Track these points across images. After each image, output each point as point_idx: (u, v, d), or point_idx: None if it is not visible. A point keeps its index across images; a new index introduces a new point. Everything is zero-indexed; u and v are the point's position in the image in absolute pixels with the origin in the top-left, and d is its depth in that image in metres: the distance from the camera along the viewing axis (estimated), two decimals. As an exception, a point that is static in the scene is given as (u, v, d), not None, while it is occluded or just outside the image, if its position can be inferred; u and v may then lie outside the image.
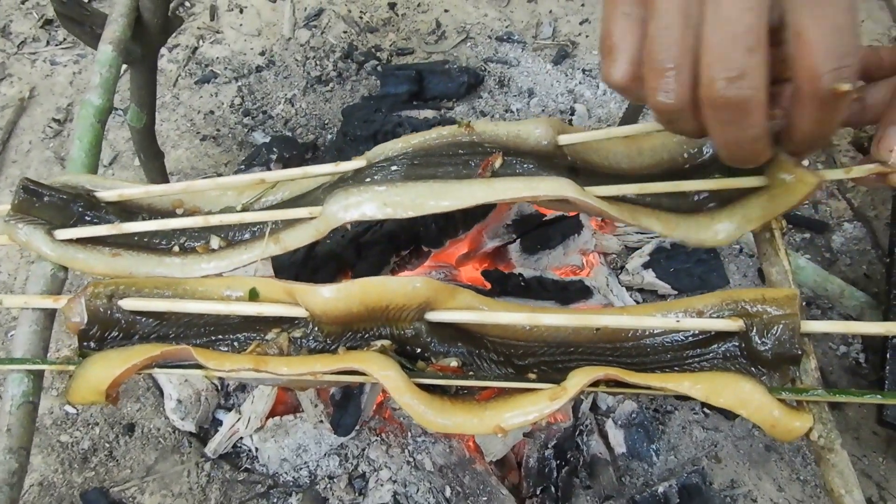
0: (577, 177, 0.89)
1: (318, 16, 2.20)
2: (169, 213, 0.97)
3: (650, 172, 0.92)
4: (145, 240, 0.94)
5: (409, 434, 1.34)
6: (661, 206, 0.88)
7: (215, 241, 0.93)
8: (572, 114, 1.90)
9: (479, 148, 0.92)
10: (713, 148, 0.89)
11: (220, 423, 1.43)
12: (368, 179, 0.91)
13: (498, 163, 0.90)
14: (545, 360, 0.89)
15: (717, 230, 0.86)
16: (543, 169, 0.89)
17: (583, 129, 0.93)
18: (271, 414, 1.40)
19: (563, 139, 0.92)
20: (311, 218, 0.90)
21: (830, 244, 1.71)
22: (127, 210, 0.96)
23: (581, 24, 2.14)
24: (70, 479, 1.43)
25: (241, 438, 1.41)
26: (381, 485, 1.31)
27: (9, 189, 1.91)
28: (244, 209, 0.96)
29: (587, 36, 2.11)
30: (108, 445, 1.46)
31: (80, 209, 0.94)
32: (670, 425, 1.44)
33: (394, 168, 0.91)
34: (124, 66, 1.32)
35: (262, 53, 2.14)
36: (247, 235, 0.94)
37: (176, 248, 0.94)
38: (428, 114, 1.82)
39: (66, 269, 0.95)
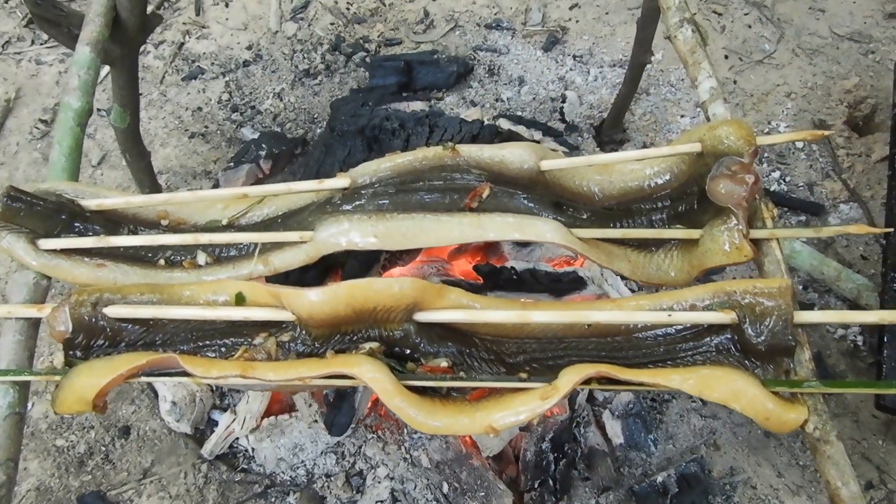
0: (561, 213, 0.92)
1: (304, 8, 2.18)
2: (154, 223, 0.96)
3: (620, 200, 0.98)
4: (131, 251, 0.93)
5: (406, 431, 1.33)
6: (630, 241, 0.94)
7: (202, 257, 0.93)
8: (563, 101, 1.88)
9: (464, 172, 0.93)
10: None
11: (216, 423, 1.43)
12: (358, 204, 0.92)
13: (485, 193, 0.91)
14: (536, 356, 0.88)
15: (670, 273, 0.93)
16: (530, 201, 0.92)
17: (563, 155, 0.98)
18: (266, 414, 1.39)
19: (546, 164, 0.95)
20: (302, 242, 0.90)
21: (827, 226, 1.70)
22: (111, 219, 0.95)
23: (571, 9, 2.12)
24: (67, 483, 1.42)
25: (237, 439, 1.40)
26: (379, 482, 1.30)
27: (-3, 192, 1.89)
28: (230, 223, 0.95)
29: (577, 21, 2.09)
30: (104, 449, 1.45)
31: (64, 218, 0.93)
32: (668, 414, 1.44)
33: (382, 192, 0.92)
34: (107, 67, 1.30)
35: (249, 47, 2.11)
36: (234, 252, 0.94)
37: (161, 262, 0.93)
38: (416, 106, 1.80)
39: (49, 276, 0.94)
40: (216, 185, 1.71)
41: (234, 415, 1.40)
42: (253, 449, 1.39)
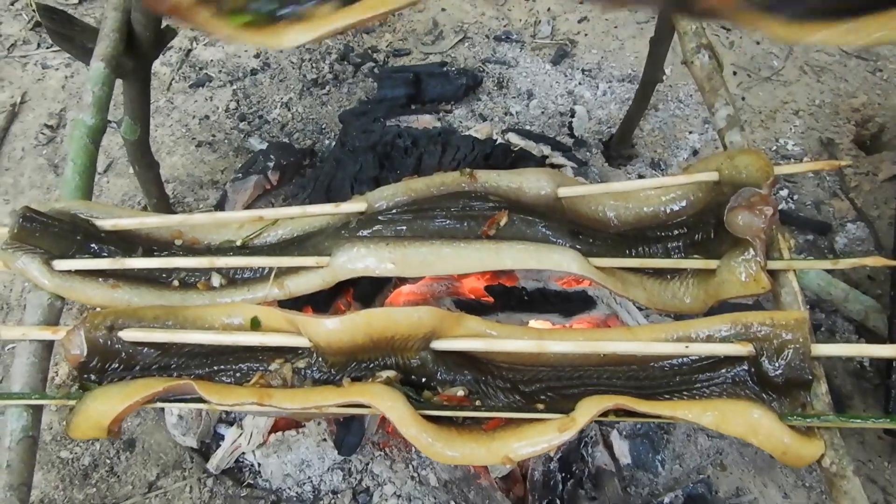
0: (578, 240, 0.92)
1: (312, 16, 2.17)
2: (168, 243, 0.95)
3: (635, 226, 0.98)
4: (145, 272, 0.93)
5: (413, 449, 1.33)
6: (646, 269, 0.94)
7: (216, 279, 0.92)
8: (572, 116, 1.88)
9: (481, 199, 0.93)
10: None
11: (222, 437, 1.42)
12: (376, 229, 0.91)
13: (503, 221, 0.91)
14: (552, 384, 0.88)
15: (685, 301, 0.93)
16: (548, 229, 0.92)
17: (581, 182, 0.98)
18: (273, 429, 1.39)
19: (563, 192, 0.95)
20: (318, 267, 0.90)
21: (833, 245, 1.70)
22: (125, 239, 0.94)
23: (580, 22, 2.12)
24: (71, 495, 1.41)
25: (244, 453, 1.40)
26: (386, 500, 1.30)
27: (2, 197, 1.88)
28: (244, 244, 0.94)
29: (586, 34, 2.09)
30: (108, 461, 1.45)
31: (79, 239, 0.92)
32: (675, 434, 1.44)
33: (399, 218, 0.92)
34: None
35: (257, 56, 2.11)
36: (248, 274, 0.93)
37: (175, 283, 0.93)
38: (427, 120, 1.79)
39: (63, 297, 0.93)
40: (224, 196, 1.70)
41: (240, 429, 1.40)
42: (259, 464, 1.39)
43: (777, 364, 0.83)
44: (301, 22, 0.75)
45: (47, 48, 2.20)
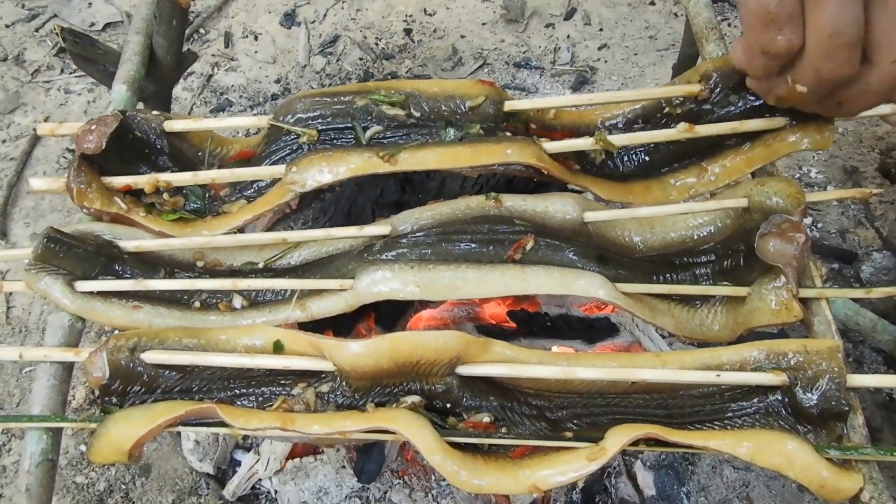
0: (605, 266, 0.91)
1: (333, 42, 2.19)
2: (190, 265, 0.95)
3: (662, 252, 0.96)
4: (167, 293, 0.92)
5: (433, 477, 1.30)
6: (674, 296, 0.92)
7: (238, 301, 0.91)
8: (592, 141, 1.87)
9: (507, 223, 0.92)
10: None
11: (239, 463, 1.41)
12: (399, 252, 0.91)
13: (529, 245, 0.90)
14: (579, 412, 0.86)
15: (714, 329, 0.91)
16: (574, 254, 0.91)
17: (607, 207, 0.95)
18: (291, 455, 1.37)
19: (589, 216, 0.94)
20: (342, 290, 0.89)
21: (860, 274, 1.68)
22: (147, 261, 0.94)
23: (599, 49, 2.12)
24: (86, 521, 1.40)
25: (260, 480, 1.38)
26: (404, 530, 1.28)
27: (23, 221, 1.89)
28: (267, 265, 0.94)
29: (606, 61, 2.09)
30: (124, 487, 1.43)
31: (103, 260, 0.92)
32: (700, 465, 1.41)
33: (423, 241, 0.91)
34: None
35: (278, 81, 2.12)
36: (269, 296, 0.92)
37: (197, 304, 0.92)
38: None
39: (83, 319, 0.92)
40: (243, 220, 1.70)
41: (257, 455, 1.38)
42: (276, 491, 1.37)
43: (812, 394, 0.81)
44: (219, 217, 0.97)
45: (70, 73, 2.22)
